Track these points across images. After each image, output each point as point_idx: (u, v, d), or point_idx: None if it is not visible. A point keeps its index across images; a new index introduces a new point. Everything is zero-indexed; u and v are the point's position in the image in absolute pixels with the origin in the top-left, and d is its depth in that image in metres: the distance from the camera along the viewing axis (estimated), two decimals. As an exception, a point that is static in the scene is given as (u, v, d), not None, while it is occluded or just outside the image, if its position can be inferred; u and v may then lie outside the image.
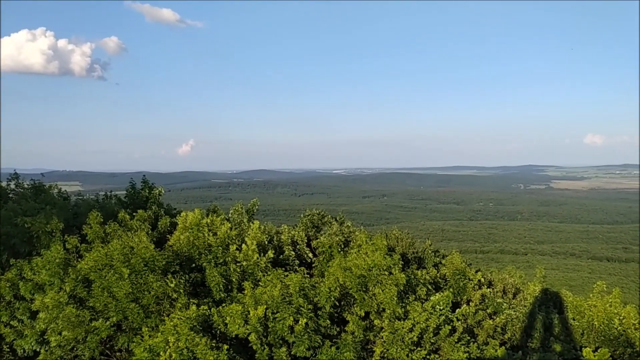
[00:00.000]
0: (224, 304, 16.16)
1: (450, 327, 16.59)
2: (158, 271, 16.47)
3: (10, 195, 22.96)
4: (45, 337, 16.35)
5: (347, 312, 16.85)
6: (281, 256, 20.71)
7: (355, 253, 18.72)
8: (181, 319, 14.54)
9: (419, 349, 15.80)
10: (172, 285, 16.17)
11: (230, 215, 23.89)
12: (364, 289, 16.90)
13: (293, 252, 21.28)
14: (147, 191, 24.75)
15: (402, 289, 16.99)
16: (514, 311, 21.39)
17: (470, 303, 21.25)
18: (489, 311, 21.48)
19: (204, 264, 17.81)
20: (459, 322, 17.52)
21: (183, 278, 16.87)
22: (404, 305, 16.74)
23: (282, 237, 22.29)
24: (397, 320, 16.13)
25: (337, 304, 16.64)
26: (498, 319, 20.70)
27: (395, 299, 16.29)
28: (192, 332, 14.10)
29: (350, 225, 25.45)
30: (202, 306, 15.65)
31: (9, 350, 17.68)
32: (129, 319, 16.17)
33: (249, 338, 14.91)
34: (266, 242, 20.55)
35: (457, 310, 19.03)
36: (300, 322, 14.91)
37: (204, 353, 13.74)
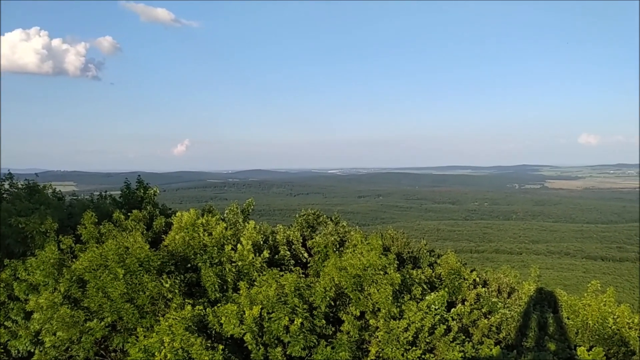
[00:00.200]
0: (219, 304, 16.15)
1: (445, 327, 16.63)
2: (153, 271, 16.43)
3: (4, 196, 22.82)
4: (40, 338, 16.29)
5: (342, 311, 16.87)
6: (276, 256, 20.70)
7: (351, 253, 18.73)
8: (176, 319, 14.52)
9: (414, 348, 15.83)
10: (167, 286, 16.14)
11: (225, 215, 23.87)
12: (359, 289, 16.91)
13: (288, 252, 21.28)
14: (142, 191, 24.67)
15: (397, 288, 17.01)
16: (509, 310, 21.45)
17: (466, 302, 21.29)
18: (484, 310, 21.53)
19: (199, 264, 17.79)
20: (454, 322, 17.56)
21: (178, 278, 16.84)
22: (399, 304, 16.76)
23: (278, 237, 22.29)
24: (392, 320, 16.16)
25: (333, 303, 16.65)
26: (493, 318, 20.76)
27: (391, 298, 16.32)
28: (187, 333, 14.08)
29: (345, 225, 25.46)
30: (197, 306, 15.63)
31: (3, 351, 17.58)
32: (124, 319, 16.13)
33: (245, 338, 14.91)
34: (261, 242, 20.55)
35: (452, 310, 19.07)
36: (295, 322, 14.91)
37: (199, 353, 13.72)
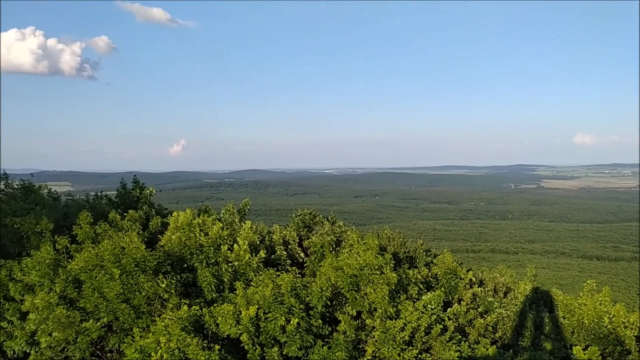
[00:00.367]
0: (215, 304, 16.13)
1: (441, 326, 16.66)
2: (149, 271, 16.40)
3: (0, 196, 22.77)
4: (36, 338, 16.23)
5: (339, 311, 16.87)
6: (273, 256, 20.69)
7: (347, 253, 18.74)
8: (172, 319, 14.51)
9: (410, 348, 15.84)
10: (164, 286, 16.11)
11: (221, 215, 23.84)
12: (355, 289, 16.92)
13: (285, 252, 21.27)
14: (138, 191, 24.63)
15: (393, 288, 17.03)
16: (505, 310, 21.50)
17: (462, 302, 21.34)
18: (480, 310, 21.58)
19: (196, 264, 17.77)
20: (451, 321, 17.60)
21: (174, 278, 16.82)
22: (395, 304, 16.77)
23: (274, 237, 22.28)
24: (388, 320, 16.16)
25: (329, 303, 16.65)
26: (489, 317, 20.81)
27: (387, 298, 16.33)
28: (184, 333, 14.06)
29: (341, 224, 25.47)
30: (193, 306, 15.62)
31: (-2, 351, 17.55)
32: (120, 319, 16.10)
33: (241, 338, 14.90)
34: (258, 242, 20.53)
35: (449, 310, 19.11)
36: (292, 322, 14.91)
37: (195, 353, 13.70)
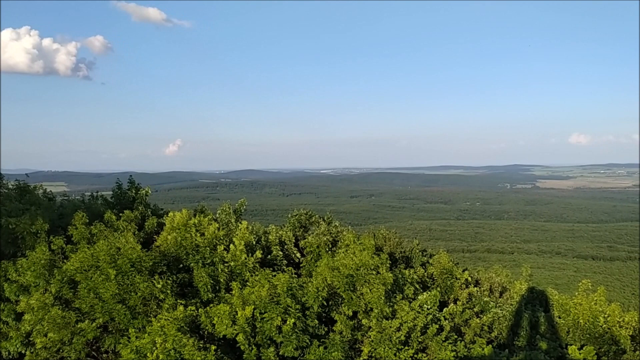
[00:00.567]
0: (211, 305, 16.11)
1: (437, 326, 16.69)
2: (145, 272, 16.37)
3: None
4: (31, 339, 16.19)
5: (335, 311, 16.88)
6: (269, 256, 20.69)
7: (343, 253, 18.75)
8: (168, 319, 14.48)
9: (406, 348, 15.87)
10: (159, 286, 16.08)
11: (217, 215, 23.83)
12: (351, 289, 16.93)
13: (281, 252, 21.27)
14: (134, 191, 24.59)
15: (389, 288, 17.06)
16: (501, 310, 21.55)
17: (458, 302, 21.38)
18: (476, 310, 21.62)
19: (192, 264, 17.74)
20: (447, 321, 17.63)
21: (170, 279, 16.79)
22: (391, 304, 16.81)
23: (270, 237, 22.27)
24: (384, 320, 16.19)
25: (325, 303, 16.65)
26: (485, 317, 20.85)
27: (383, 298, 16.36)
28: (180, 333, 14.04)
29: (338, 225, 25.48)
30: (189, 307, 15.59)
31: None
32: (116, 320, 16.06)
33: (237, 338, 14.89)
34: (254, 242, 20.53)
35: (445, 309, 19.16)
36: (288, 322, 14.91)
37: (191, 354, 13.68)
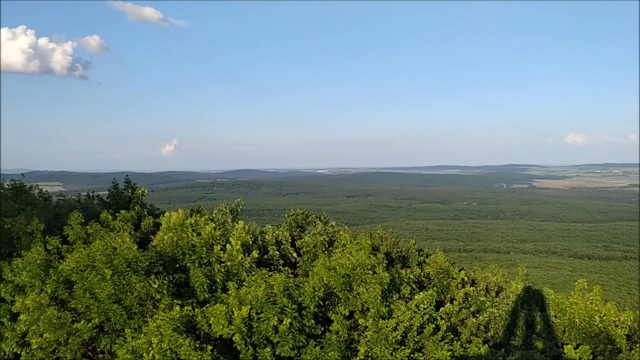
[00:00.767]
0: (208, 305, 16.09)
1: (434, 326, 16.71)
2: (141, 272, 16.34)
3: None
4: (26, 339, 16.13)
5: (331, 311, 16.89)
6: (265, 256, 20.67)
7: (340, 252, 18.76)
8: (164, 319, 14.46)
9: (402, 347, 15.88)
10: (156, 286, 16.06)
11: (214, 215, 23.79)
12: (348, 289, 16.94)
13: (277, 252, 21.26)
14: (130, 191, 24.53)
15: (386, 288, 17.06)
16: (497, 309, 21.58)
17: (454, 301, 21.43)
18: (472, 309, 21.66)
19: (188, 264, 17.72)
20: (443, 321, 17.65)
21: (167, 279, 16.77)
22: (388, 304, 16.81)
23: (267, 237, 22.26)
24: (381, 320, 16.20)
25: (322, 303, 16.66)
26: (481, 317, 20.89)
27: (380, 298, 16.36)
28: (176, 333, 14.02)
29: (334, 224, 25.48)
30: (185, 307, 15.58)
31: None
32: (112, 320, 16.03)
33: (233, 338, 14.88)
34: (250, 242, 20.51)
35: (441, 309, 19.19)
36: (284, 322, 14.91)
37: (187, 354, 13.66)
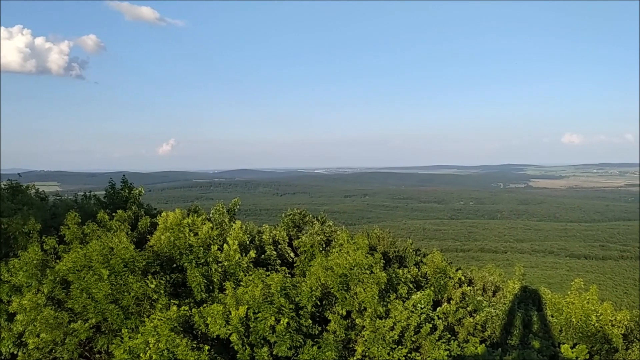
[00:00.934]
0: (205, 305, 16.09)
1: (431, 326, 16.72)
2: (138, 272, 16.32)
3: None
4: (23, 340, 16.10)
5: (328, 311, 16.89)
6: (263, 256, 20.66)
7: (337, 252, 18.77)
8: (162, 319, 14.44)
9: (400, 347, 15.90)
10: (153, 286, 16.04)
11: (211, 215, 23.78)
12: (345, 288, 16.94)
13: (275, 252, 21.24)
14: (127, 191, 24.48)
15: (383, 287, 17.08)
16: (494, 309, 21.61)
17: (451, 301, 21.43)
18: (469, 309, 21.69)
19: (185, 264, 17.70)
20: (440, 321, 17.66)
21: (164, 279, 16.75)
22: (385, 304, 16.83)
23: (264, 236, 22.24)
24: (378, 319, 16.21)
25: (319, 303, 16.66)
26: (478, 316, 20.91)
27: (377, 297, 16.37)
28: (173, 333, 14.01)
29: (331, 224, 25.49)
30: (183, 307, 15.56)
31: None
32: (109, 320, 16.00)
33: (231, 338, 14.87)
34: (248, 242, 20.50)
35: (438, 309, 19.19)
36: (281, 322, 14.91)
37: (184, 354, 13.66)
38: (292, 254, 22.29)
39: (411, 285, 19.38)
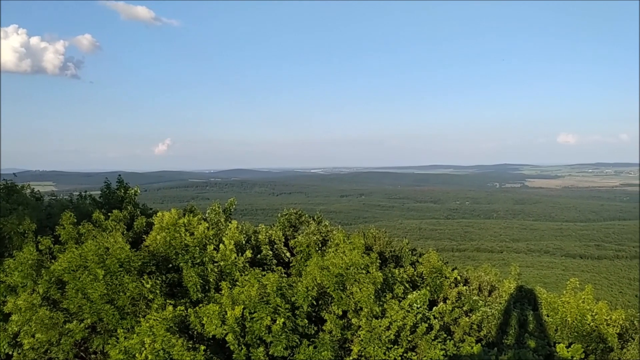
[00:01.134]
0: (201, 305, 16.07)
1: (427, 325, 16.75)
2: (134, 272, 16.29)
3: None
4: (18, 340, 16.06)
5: (324, 311, 16.90)
6: (259, 256, 20.66)
7: (333, 252, 18.77)
8: (157, 320, 14.42)
9: (396, 347, 15.91)
10: (148, 286, 16.01)
11: (207, 215, 23.75)
12: (341, 288, 16.94)
13: (271, 252, 21.25)
14: (123, 191, 24.44)
15: (379, 287, 17.09)
16: (490, 308, 21.67)
17: (447, 301, 21.49)
18: (465, 309, 21.73)
19: (181, 264, 17.68)
20: (436, 320, 17.70)
21: (159, 279, 16.72)
22: (381, 303, 16.84)
23: (260, 236, 22.24)
24: (374, 319, 16.22)
25: (315, 303, 16.66)
26: (474, 316, 20.96)
27: (373, 297, 16.38)
28: (169, 333, 13.99)
29: (327, 224, 25.49)
30: (178, 307, 15.54)
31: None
32: (104, 320, 15.97)
33: (227, 338, 14.86)
34: (244, 242, 20.50)
35: (434, 308, 19.23)
36: (277, 322, 14.90)
37: (180, 354, 13.64)
38: (288, 254, 22.29)
39: (407, 285, 19.40)
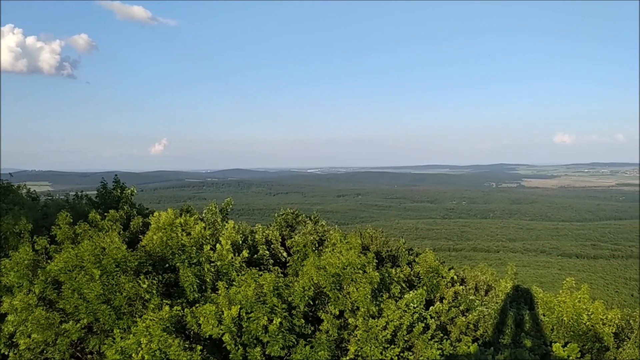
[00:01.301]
0: (197, 305, 16.06)
1: (423, 325, 16.75)
2: (130, 272, 16.26)
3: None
4: (14, 340, 15.99)
5: (321, 311, 16.89)
6: (255, 256, 20.65)
7: (330, 252, 18.78)
8: (154, 320, 14.40)
9: (392, 346, 15.92)
10: (145, 286, 15.99)
11: (204, 214, 23.73)
12: (338, 288, 16.96)
13: (267, 252, 21.24)
14: (119, 191, 24.40)
15: (376, 287, 17.10)
16: (486, 308, 21.71)
17: (444, 300, 21.52)
18: (461, 308, 21.78)
19: (178, 264, 17.67)
20: (433, 320, 17.71)
21: (156, 279, 16.71)
22: (378, 303, 16.85)
23: (257, 236, 22.23)
24: (371, 319, 16.22)
25: (312, 303, 16.67)
26: (470, 315, 20.99)
27: (369, 297, 16.39)
28: (165, 333, 13.97)
29: (324, 224, 25.50)
30: (175, 307, 15.52)
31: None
32: (101, 320, 15.94)
33: (223, 338, 14.85)
34: (240, 242, 20.47)
35: (431, 308, 19.26)
36: (274, 322, 14.90)
37: (177, 354, 13.62)
38: (284, 254, 22.29)
39: (404, 285, 19.43)
